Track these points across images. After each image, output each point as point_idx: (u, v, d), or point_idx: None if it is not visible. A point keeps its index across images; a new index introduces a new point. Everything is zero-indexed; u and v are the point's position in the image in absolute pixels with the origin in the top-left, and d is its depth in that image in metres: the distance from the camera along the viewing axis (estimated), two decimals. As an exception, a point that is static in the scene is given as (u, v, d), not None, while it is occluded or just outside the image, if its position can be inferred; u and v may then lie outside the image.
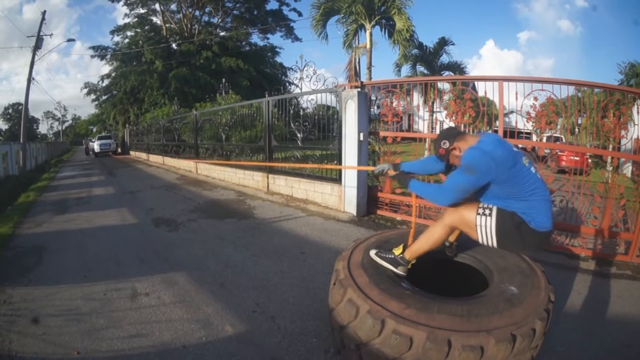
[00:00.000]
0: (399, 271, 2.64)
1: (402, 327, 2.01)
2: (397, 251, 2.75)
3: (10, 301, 3.89)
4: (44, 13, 22.07)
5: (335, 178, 7.91)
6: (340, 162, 7.62)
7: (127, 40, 39.48)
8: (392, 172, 3.22)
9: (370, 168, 3.66)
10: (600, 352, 2.99)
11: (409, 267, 2.70)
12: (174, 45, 38.22)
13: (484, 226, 2.51)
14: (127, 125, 36.21)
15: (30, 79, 21.42)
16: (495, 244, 2.52)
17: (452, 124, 6.44)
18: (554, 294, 2.39)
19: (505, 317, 2.07)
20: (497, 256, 2.83)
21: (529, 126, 5.64)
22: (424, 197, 2.79)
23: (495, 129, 6.29)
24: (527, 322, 2.06)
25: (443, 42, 23.60)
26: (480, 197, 2.64)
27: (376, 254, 2.78)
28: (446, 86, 7.69)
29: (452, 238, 3.07)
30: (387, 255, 2.74)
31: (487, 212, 2.53)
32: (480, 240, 2.56)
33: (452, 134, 2.79)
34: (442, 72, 23.91)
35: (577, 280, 4.37)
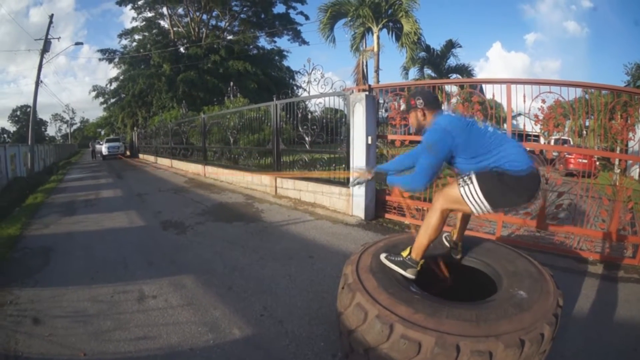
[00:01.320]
0: (408, 274, 2.62)
1: (410, 332, 2.00)
2: (405, 253, 2.73)
3: (17, 302, 3.92)
4: (51, 16, 22.20)
5: (344, 181, 7.90)
6: (348, 166, 7.62)
7: (134, 43, 39.53)
8: (368, 175, 3.37)
9: (344, 173, 3.87)
10: (608, 357, 2.98)
11: (418, 268, 2.67)
12: (181, 49, 38.20)
13: (470, 194, 2.53)
14: (135, 128, 36.24)
15: (38, 82, 21.53)
16: (488, 207, 2.53)
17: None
18: (562, 298, 2.37)
19: (514, 322, 2.06)
20: (505, 261, 2.82)
21: (537, 129, 5.62)
22: (402, 186, 3.03)
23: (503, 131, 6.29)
24: (535, 327, 2.04)
25: (450, 45, 23.59)
26: (455, 166, 2.79)
27: (386, 257, 2.77)
28: (454, 89, 7.66)
29: (455, 238, 3.08)
30: (395, 258, 2.72)
31: (467, 180, 2.57)
32: (474, 211, 2.58)
33: (430, 100, 2.94)
34: (449, 75, 23.91)
35: (585, 284, 4.35)
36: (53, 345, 3.11)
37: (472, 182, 2.54)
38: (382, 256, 2.79)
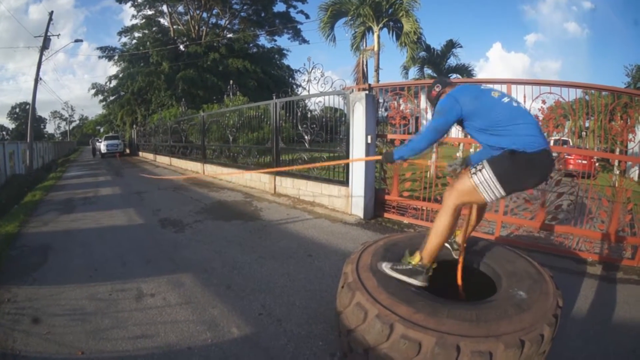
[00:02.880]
0: (419, 282, 2.51)
1: (410, 332, 2.00)
2: (415, 260, 2.60)
3: (14, 300, 3.91)
4: (51, 13, 22.11)
5: (343, 180, 7.89)
6: (347, 165, 7.61)
7: (134, 41, 39.44)
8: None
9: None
10: (607, 358, 2.98)
11: (430, 274, 2.57)
12: (181, 47, 38.16)
13: (483, 181, 2.51)
14: (134, 126, 36.08)
15: (37, 79, 21.47)
16: (502, 191, 2.50)
17: (459, 127, 6.41)
18: (562, 299, 2.37)
19: (514, 322, 2.06)
20: (505, 261, 2.81)
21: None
22: (412, 152, 2.98)
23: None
24: (535, 328, 2.04)
25: (451, 45, 23.48)
26: (471, 135, 2.89)
27: (391, 267, 2.62)
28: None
29: (459, 239, 3.05)
30: (403, 267, 2.60)
31: (479, 167, 2.56)
32: (487, 198, 2.54)
33: (445, 82, 3.07)
34: (449, 75, 23.83)
35: (584, 285, 4.35)
36: (51, 343, 3.10)
37: (484, 168, 2.51)
38: (387, 267, 2.63)
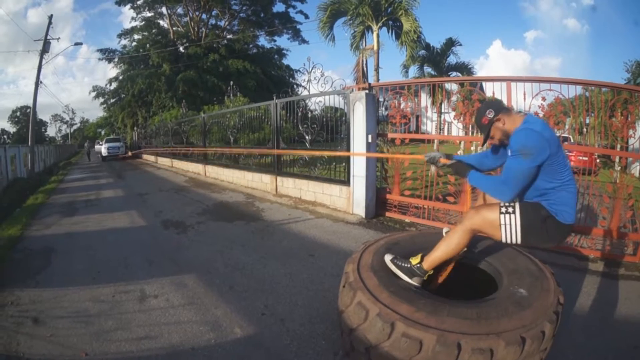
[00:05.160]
0: (414, 282, 2.53)
1: (411, 330, 2.00)
2: (415, 260, 2.63)
3: (18, 302, 3.91)
4: (50, 17, 22.08)
5: (344, 180, 7.89)
6: (348, 164, 7.63)
7: (134, 43, 39.40)
8: (445, 161, 3.02)
9: (419, 157, 3.58)
10: (609, 354, 2.97)
11: (425, 278, 2.60)
12: (181, 49, 38.11)
13: (508, 224, 2.45)
14: (135, 128, 36.01)
15: (37, 82, 21.45)
16: (519, 241, 2.46)
17: (460, 125, 6.41)
18: (563, 296, 2.37)
19: (514, 319, 2.05)
20: (506, 258, 2.81)
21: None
22: (483, 189, 2.82)
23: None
24: (536, 325, 2.04)
25: (450, 43, 23.50)
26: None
27: (392, 260, 2.68)
28: (454, 87, 7.65)
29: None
30: (403, 264, 2.63)
31: (510, 209, 2.47)
32: (503, 239, 2.48)
33: (498, 105, 2.67)
34: (449, 73, 23.85)
35: (585, 281, 4.34)
36: (54, 345, 3.11)
37: (514, 213, 2.45)
38: (388, 259, 2.70)
